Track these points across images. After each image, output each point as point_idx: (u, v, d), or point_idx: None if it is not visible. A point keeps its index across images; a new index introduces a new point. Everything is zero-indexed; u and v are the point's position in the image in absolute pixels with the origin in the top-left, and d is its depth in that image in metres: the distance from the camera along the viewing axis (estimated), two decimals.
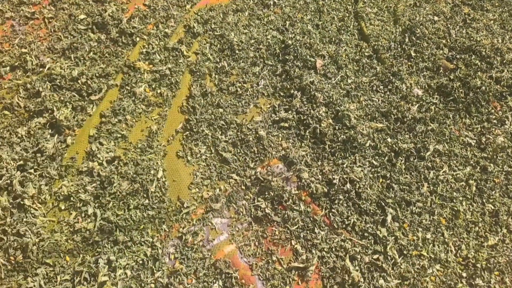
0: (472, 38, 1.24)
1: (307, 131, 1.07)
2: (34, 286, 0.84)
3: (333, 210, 0.98)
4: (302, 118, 1.09)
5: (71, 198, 0.95)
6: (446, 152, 1.06)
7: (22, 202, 0.92)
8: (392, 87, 1.18)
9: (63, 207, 0.94)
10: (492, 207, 0.99)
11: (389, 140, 1.07)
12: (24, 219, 0.91)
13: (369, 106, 1.14)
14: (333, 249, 0.93)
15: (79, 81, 1.12)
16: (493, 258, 0.93)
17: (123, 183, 0.96)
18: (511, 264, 0.92)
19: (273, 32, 1.28)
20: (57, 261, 0.89)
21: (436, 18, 1.33)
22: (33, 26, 1.29)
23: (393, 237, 0.94)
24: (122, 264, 0.87)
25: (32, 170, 0.98)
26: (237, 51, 1.23)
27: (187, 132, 1.07)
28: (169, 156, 1.04)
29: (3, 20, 1.28)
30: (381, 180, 1.02)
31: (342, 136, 1.06)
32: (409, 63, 1.23)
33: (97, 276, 0.85)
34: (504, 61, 1.19)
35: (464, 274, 0.92)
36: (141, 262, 0.90)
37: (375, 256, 0.92)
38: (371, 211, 0.97)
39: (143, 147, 1.05)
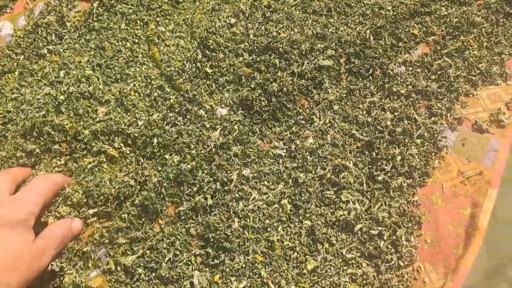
0: (270, 34, 1.23)
1: None
2: None
3: None
4: None
5: None
6: (255, 174, 1.03)
7: None
8: (191, 116, 1.13)
9: None
10: (309, 223, 0.96)
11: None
12: None
13: None
14: None
15: None
16: (316, 284, 0.90)
17: None
18: (335, 286, 0.89)
19: (46, 88, 1.18)
20: None
21: (233, 20, 1.30)
22: None
23: None
24: None
25: None
26: (1, 127, 1.11)
27: None
28: None
29: None
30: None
31: (138, 199, 0.98)
32: (208, 82, 1.19)
33: None
34: (303, 52, 1.18)
35: None
36: None
37: None
38: (175, 278, 0.90)
39: None
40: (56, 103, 1.14)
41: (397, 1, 1.32)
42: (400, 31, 1.24)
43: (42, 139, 1.07)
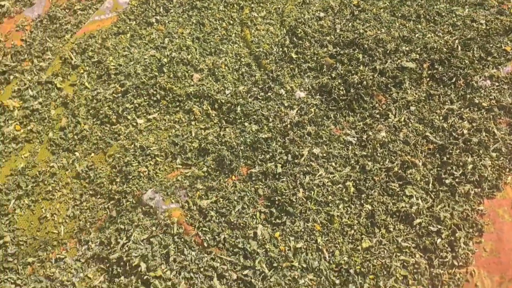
0: (356, 31, 1.37)
1: None
2: None
3: (204, 229, 1.07)
4: None
5: None
6: (324, 154, 1.16)
7: None
8: (272, 93, 1.30)
9: None
10: (370, 208, 1.07)
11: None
12: None
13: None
14: (202, 269, 1.02)
15: None
16: (368, 261, 1.01)
17: None
18: (386, 267, 0.99)
19: (152, 51, 1.43)
20: None
21: (322, 14, 1.47)
22: None
23: (263, 250, 1.03)
24: None
25: None
26: (113, 76, 1.37)
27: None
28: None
29: None
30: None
31: (218, 155, 1.18)
32: (291, 66, 1.36)
33: None
34: (388, 52, 1.31)
35: (337, 281, 1.00)
36: None
37: (245, 272, 1.01)
38: (241, 226, 1.07)
39: (10, 187, 1.20)
40: (159, 64, 1.39)
41: (492, 16, 1.39)
42: (491, 45, 1.32)
43: (146, 92, 1.32)
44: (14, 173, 1.27)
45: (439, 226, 1.04)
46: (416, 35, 1.38)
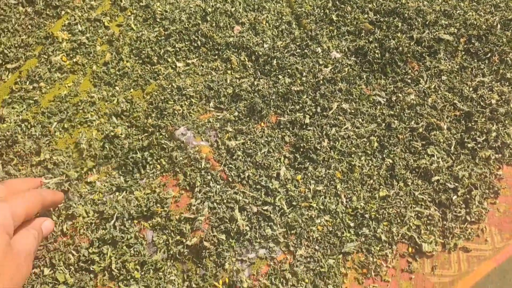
0: (398, 1, 1.53)
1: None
2: None
3: (230, 166, 1.25)
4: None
5: None
6: (352, 111, 1.33)
7: None
8: (308, 50, 1.47)
9: None
10: (391, 162, 1.23)
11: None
12: None
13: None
14: (225, 201, 1.20)
15: None
16: (383, 209, 1.17)
17: (27, 143, 1.31)
18: (400, 215, 1.15)
19: (198, 1, 1.63)
20: None
21: None
22: None
23: (284, 189, 1.21)
24: None
25: None
26: (158, 20, 1.58)
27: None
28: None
29: None
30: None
31: (250, 101, 1.36)
32: (330, 27, 1.53)
33: None
34: (426, 23, 1.47)
35: (352, 224, 1.16)
36: None
37: (265, 207, 1.18)
38: (265, 166, 1.24)
39: (52, 111, 1.41)
40: (204, 13, 1.59)
41: None
42: None
43: (187, 38, 1.52)
44: (56, 99, 1.49)
45: (456, 184, 1.20)
46: (457, 12, 1.54)
